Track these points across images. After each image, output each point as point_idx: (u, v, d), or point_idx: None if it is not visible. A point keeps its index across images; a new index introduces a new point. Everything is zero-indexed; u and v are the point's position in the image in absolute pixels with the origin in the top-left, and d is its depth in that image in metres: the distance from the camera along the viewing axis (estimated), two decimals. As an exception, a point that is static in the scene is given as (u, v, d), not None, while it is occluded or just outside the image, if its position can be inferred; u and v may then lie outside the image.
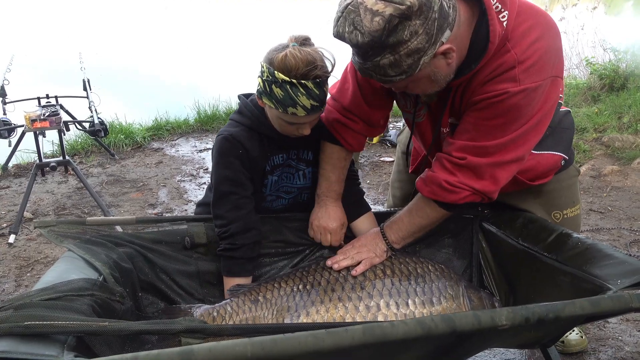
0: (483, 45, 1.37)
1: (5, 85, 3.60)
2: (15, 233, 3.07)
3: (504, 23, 1.36)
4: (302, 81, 1.52)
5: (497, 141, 1.44)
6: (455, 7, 1.31)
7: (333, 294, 1.61)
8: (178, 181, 4.03)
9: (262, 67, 1.59)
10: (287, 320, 1.58)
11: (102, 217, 1.82)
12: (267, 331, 1.20)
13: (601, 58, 6.46)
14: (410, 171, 2.04)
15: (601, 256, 1.45)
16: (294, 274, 1.70)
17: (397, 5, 1.20)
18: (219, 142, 1.74)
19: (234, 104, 5.56)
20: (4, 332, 1.06)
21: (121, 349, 1.36)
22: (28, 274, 2.81)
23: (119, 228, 1.83)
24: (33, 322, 1.07)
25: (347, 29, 1.26)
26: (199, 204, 2.11)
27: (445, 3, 1.27)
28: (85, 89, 3.81)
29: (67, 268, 1.44)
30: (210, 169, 4.22)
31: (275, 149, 1.78)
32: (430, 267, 1.71)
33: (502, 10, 1.36)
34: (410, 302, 1.59)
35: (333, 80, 1.71)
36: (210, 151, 4.64)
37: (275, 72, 1.53)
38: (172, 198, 3.74)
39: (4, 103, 3.57)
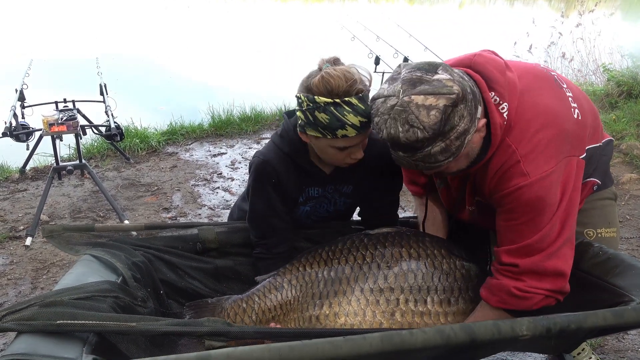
0: (488, 138, 1.42)
1: (24, 90, 3.65)
2: (32, 236, 3.11)
3: (504, 114, 1.41)
4: (346, 99, 1.47)
5: (537, 236, 1.41)
6: (477, 86, 1.40)
7: (356, 284, 1.61)
8: (192, 185, 4.05)
9: (300, 98, 1.54)
10: (310, 309, 1.61)
11: (110, 224, 1.84)
12: (288, 335, 1.20)
13: (619, 65, 6.37)
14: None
15: (623, 266, 1.42)
16: (320, 255, 1.69)
17: (448, 96, 1.27)
18: (255, 164, 1.72)
19: (249, 109, 5.58)
20: (35, 329, 1.09)
21: (147, 345, 1.38)
22: (44, 276, 2.83)
23: (133, 233, 1.84)
24: (64, 321, 1.09)
25: (400, 129, 1.29)
26: (237, 207, 2.12)
27: (470, 84, 1.37)
28: (102, 93, 3.85)
29: (84, 271, 1.46)
30: (223, 174, 4.25)
31: (311, 182, 1.75)
32: (457, 263, 1.67)
33: (501, 102, 1.41)
34: (429, 299, 1.60)
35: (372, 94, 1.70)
36: (223, 156, 4.67)
37: (316, 97, 1.48)
38: (186, 202, 3.76)
39: (23, 107, 3.63)
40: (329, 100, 1.47)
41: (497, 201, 1.48)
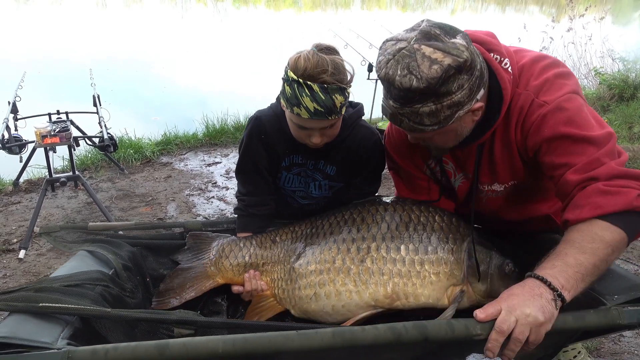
0: (499, 96, 1.41)
1: (16, 102, 3.68)
2: (26, 248, 3.10)
3: (509, 69, 1.42)
4: (308, 82, 1.55)
5: (593, 147, 1.32)
6: (486, 70, 1.39)
7: (330, 236, 1.68)
8: (187, 195, 4.06)
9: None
10: (290, 262, 1.71)
11: (103, 223, 1.90)
12: (252, 327, 1.24)
13: (610, 68, 6.42)
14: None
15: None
16: (306, 222, 1.81)
17: (455, 57, 1.26)
18: (250, 119, 1.87)
19: (242, 118, 5.62)
20: (20, 309, 1.16)
21: (128, 330, 1.44)
22: (36, 287, 2.84)
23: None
24: (47, 304, 1.17)
25: (399, 72, 1.29)
26: None
27: (482, 65, 1.36)
28: (95, 104, 3.88)
29: (77, 265, 1.52)
30: (218, 183, 4.27)
31: (293, 149, 1.84)
32: (437, 217, 1.67)
33: (502, 59, 1.42)
34: (402, 247, 1.59)
35: (352, 95, 1.73)
36: (218, 165, 4.69)
37: (289, 70, 1.59)
38: (180, 212, 3.77)
39: (15, 119, 3.64)
40: (295, 77, 1.56)
41: (531, 146, 1.42)
